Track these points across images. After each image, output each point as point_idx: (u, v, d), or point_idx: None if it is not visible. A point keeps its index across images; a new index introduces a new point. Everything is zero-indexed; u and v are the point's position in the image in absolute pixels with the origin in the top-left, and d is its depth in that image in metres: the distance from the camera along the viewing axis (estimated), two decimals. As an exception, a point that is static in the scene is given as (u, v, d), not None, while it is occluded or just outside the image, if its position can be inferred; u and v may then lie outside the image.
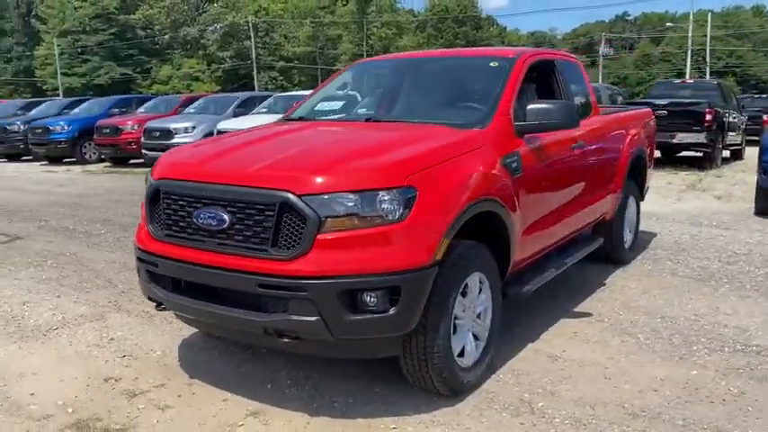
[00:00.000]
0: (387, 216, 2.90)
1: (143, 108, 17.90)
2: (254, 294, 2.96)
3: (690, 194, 10.27)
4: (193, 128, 14.46)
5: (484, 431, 3.05)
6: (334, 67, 52.48)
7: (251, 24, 59.47)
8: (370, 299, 2.90)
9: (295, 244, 2.88)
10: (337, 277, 2.84)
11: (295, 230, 2.88)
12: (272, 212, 2.90)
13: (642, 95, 45.99)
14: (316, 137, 3.87)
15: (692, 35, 52.25)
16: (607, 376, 3.62)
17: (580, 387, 3.48)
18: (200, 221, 3.10)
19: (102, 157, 16.85)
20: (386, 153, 3.23)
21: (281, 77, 62.54)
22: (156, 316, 4.54)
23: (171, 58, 62.19)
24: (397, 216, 2.91)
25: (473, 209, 3.24)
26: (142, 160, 15.09)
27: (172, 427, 3.12)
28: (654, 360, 3.83)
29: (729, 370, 3.68)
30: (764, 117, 10.66)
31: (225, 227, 3.03)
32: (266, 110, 14.11)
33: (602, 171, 5.13)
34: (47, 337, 4.27)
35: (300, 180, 2.93)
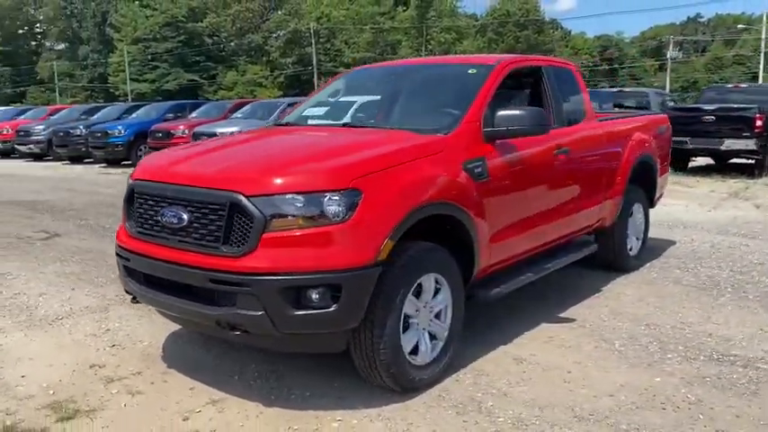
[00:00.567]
0: (331, 217, 3.05)
1: (195, 113, 18.63)
2: (208, 289, 3.16)
3: (729, 203, 9.95)
4: (239, 132, 14.90)
5: (425, 426, 3.14)
6: (392, 73, 52.59)
7: (312, 31, 60.56)
8: (313, 295, 3.04)
9: (243, 242, 3.06)
10: (280, 274, 3.01)
11: (244, 229, 3.07)
12: (224, 212, 3.10)
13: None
14: (282, 141, 4.05)
15: (765, 37, 50.07)
16: (567, 380, 3.63)
17: (536, 389, 3.51)
18: (165, 220, 3.33)
19: (157, 159, 17.53)
20: (336, 157, 3.38)
21: (341, 83, 63.27)
22: (153, 310, 4.79)
23: (236, 64, 64.09)
24: (341, 217, 3.05)
25: (423, 212, 3.33)
26: (192, 163, 15.64)
27: (137, 411, 3.34)
28: (620, 366, 3.81)
29: (695, 378, 3.64)
30: None
31: (184, 225, 3.24)
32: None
33: (595, 177, 5.10)
34: (51, 327, 4.59)
35: (250, 181, 3.12)
